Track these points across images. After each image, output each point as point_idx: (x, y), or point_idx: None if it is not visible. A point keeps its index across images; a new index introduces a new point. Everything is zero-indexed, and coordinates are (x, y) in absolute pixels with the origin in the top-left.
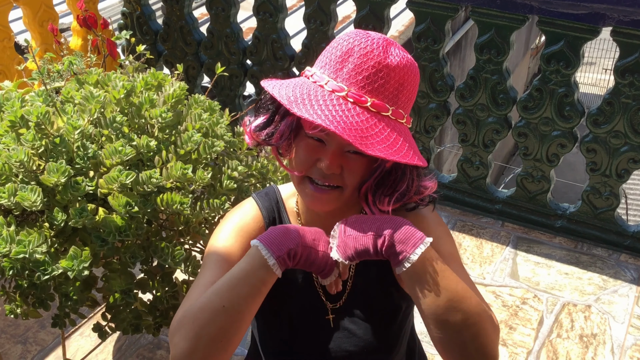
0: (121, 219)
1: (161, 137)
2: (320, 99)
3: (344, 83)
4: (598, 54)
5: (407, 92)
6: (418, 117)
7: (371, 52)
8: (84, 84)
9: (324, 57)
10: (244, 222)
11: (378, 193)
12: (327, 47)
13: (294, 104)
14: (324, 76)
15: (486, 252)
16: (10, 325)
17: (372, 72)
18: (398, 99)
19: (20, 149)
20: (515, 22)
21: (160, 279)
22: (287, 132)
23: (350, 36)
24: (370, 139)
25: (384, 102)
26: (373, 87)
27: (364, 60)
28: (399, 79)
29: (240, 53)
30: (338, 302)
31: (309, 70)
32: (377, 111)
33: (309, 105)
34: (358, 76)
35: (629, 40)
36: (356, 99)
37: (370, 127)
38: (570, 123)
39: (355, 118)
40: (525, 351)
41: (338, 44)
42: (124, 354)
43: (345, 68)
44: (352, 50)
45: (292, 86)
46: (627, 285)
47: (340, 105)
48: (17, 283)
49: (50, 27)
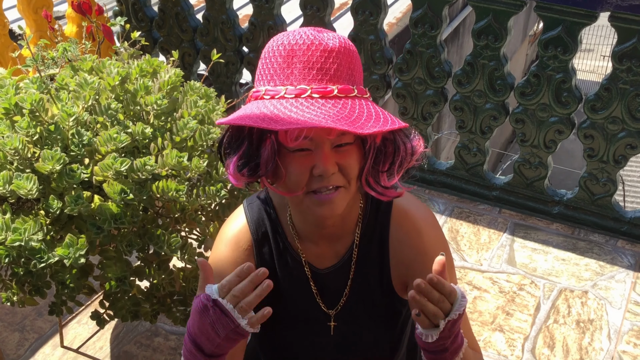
0: (117, 206)
1: (156, 124)
2: (292, 107)
3: (302, 84)
4: (596, 40)
5: (358, 67)
6: (415, 104)
7: (311, 44)
8: (79, 71)
9: (265, 71)
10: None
11: (377, 173)
12: (260, 62)
13: (272, 123)
14: (278, 88)
15: (483, 238)
16: (8, 313)
17: (322, 61)
18: (354, 77)
19: (14, 137)
20: (513, 8)
21: (157, 267)
22: (271, 158)
23: (279, 42)
24: (358, 121)
25: (346, 84)
26: (330, 75)
27: (309, 54)
28: (347, 57)
29: (237, 40)
30: (336, 308)
31: (257, 91)
32: (345, 95)
33: (284, 116)
34: (312, 71)
35: (626, 26)
36: (322, 92)
37: (350, 111)
38: (567, 109)
39: (332, 109)
40: (522, 337)
41: (273, 52)
42: (121, 341)
43: (294, 70)
44: (292, 51)
45: (254, 110)
46: (624, 271)
47: (311, 104)
48: (13, 271)
49: (45, 14)
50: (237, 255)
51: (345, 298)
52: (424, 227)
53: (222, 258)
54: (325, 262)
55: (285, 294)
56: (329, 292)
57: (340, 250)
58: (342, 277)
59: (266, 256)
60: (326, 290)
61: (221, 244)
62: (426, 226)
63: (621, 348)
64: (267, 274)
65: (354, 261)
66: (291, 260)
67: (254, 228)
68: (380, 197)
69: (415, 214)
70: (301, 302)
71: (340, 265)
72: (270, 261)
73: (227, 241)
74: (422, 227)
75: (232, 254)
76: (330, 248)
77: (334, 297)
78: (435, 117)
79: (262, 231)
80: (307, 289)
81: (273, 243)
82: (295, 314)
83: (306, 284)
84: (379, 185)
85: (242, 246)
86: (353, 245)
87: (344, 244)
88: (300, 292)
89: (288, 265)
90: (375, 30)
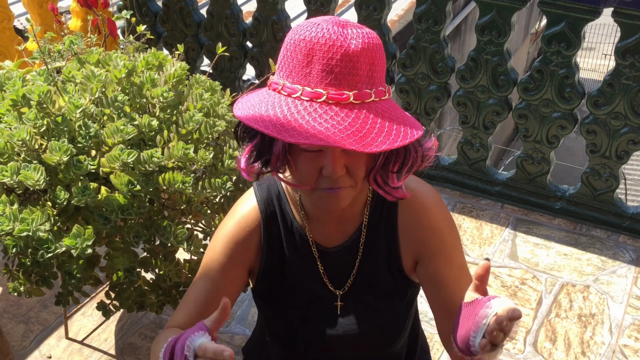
0: (124, 197)
1: (162, 117)
2: (305, 114)
3: (318, 87)
4: (598, 39)
5: (379, 67)
6: (418, 99)
7: (332, 45)
8: (85, 64)
9: (285, 64)
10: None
11: (387, 173)
12: (282, 50)
13: (283, 132)
14: (295, 86)
15: (486, 233)
16: (13, 305)
17: (341, 66)
18: (374, 79)
19: (22, 128)
20: (517, 3)
21: (163, 258)
22: (282, 154)
23: (301, 33)
24: (368, 136)
25: (363, 89)
26: (347, 79)
27: (329, 57)
28: (368, 59)
29: (240, 34)
30: (343, 289)
31: (276, 83)
32: (361, 101)
33: (296, 125)
34: (329, 75)
35: (630, 21)
36: (337, 98)
37: (362, 123)
38: (570, 104)
39: (344, 121)
40: (524, 331)
41: (294, 46)
42: (125, 333)
43: (313, 70)
44: (313, 50)
45: (269, 108)
46: (625, 266)
47: (325, 112)
48: (20, 261)
49: (51, 7)
50: (244, 235)
51: (353, 278)
52: (432, 205)
53: (228, 234)
54: (332, 241)
55: (292, 273)
56: (337, 272)
57: (349, 231)
58: (349, 257)
59: (274, 235)
60: (333, 270)
61: (230, 221)
62: (434, 203)
63: (622, 342)
64: None
65: (362, 242)
66: (299, 239)
67: (263, 207)
68: (386, 196)
69: (423, 193)
70: (308, 282)
71: (348, 245)
72: (278, 240)
73: (235, 219)
74: (430, 204)
75: (239, 232)
76: (338, 229)
77: (342, 278)
78: (438, 113)
79: (271, 210)
80: (314, 268)
81: (281, 222)
82: (302, 293)
83: (313, 264)
84: (387, 185)
85: (250, 225)
86: (362, 226)
87: (352, 225)
88: (307, 271)
89: (296, 244)
90: (379, 25)
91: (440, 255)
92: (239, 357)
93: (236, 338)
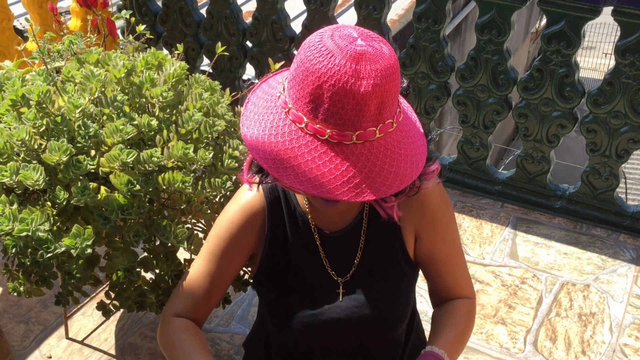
0: (123, 197)
1: (162, 117)
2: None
3: (322, 124)
4: (598, 38)
5: (390, 100)
6: (418, 99)
7: (342, 89)
8: (85, 64)
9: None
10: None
11: None
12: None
13: (281, 170)
14: (300, 115)
15: (486, 232)
16: (13, 305)
17: (347, 108)
18: (382, 115)
19: (21, 128)
20: (516, 2)
21: (163, 258)
22: None
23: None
24: (362, 185)
25: (368, 127)
26: (352, 120)
27: (337, 100)
28: (378, 98)
29: (240, 34)
30: (345, 277)
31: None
32: (363, 141)
33: (295, 164)
34: (335, 116)
35: (630, 20)
36: (339, 139)
37: (359, 168)
38: (570, 104)
39: (341, 166)
40: (524, 330)
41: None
42: (126, 333)
43: (320, 107)
44: (321, 88)
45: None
46: (625, 265)
47: (325, 152)
48: (20, 261)
49: (50, 7)
50: (248, 219)
51: (355, 267)
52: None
53: (232, 219)
54: (334, 227)
55: (294, 258)
56: (339, 259)
57: (350, 218)
58: (351, 244)
59: (277, 219)
60: (335, 257)
61: (234, 206)
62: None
63: (623, 341)
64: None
65: (364, 229)
66: (302, 224)
67: (267, 192)
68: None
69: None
70: (310, 267)
71: (349, 230)
72: (282, 224)
73: (239, 204)
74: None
75: (243, 217)
76: (340, 216)
77: (344, 265)
78: (438, 112)
79: (275, 195)
80: (316, 254)
81: (285, 207)
82: (303, 278)
83: (315, 250)
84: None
85: (254, 211)
86: (363, 213)
87: (354, 212)
88: (309, 257)
89: (299, 229)
90: (378, 25)
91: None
92: (239, 356)
93: (236, 338)
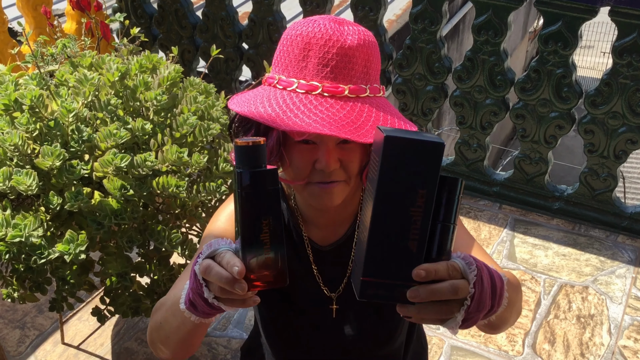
0: (117, 202)
1: (156, 120)
2: (300, 105)
3: (314, 80)
4: (596, 37)
5: (374, 64)
6: (415, 100)
7: (328, 40)
8: (78, 67)
9: (281, 59)
10: None
11: None
12: (278, 47)
13: (278, 120)
14: (291, 80)
15: (484, 234)
16: (8, 310)
17: (337, 59)
18: (369, 75)
19: (14, 133)
20: (513, 3)
21: (157, 262)
22: (276, 148)
23: (298, 29)
24: (362, 127)
25: (359, 83)
26: (343, 73)
27: (325, 50)
28: (364, 56)
29: (236, 36)
30: (337, 290)
31: (271, 77)
32: (356, 95)
33: (292, 115)
34: (325, 68)
35: (627, 20)
36: (333, 91)
37: (357, 115)
38: (568, 104)
39: (340, 112)
40: (522, 332)
41: (290, 41)
42: (122, 337)
43: (309, 64)
44: (309, 44)
45: (264, 100)
46: (624, 266)
47: (320, 104)
48: (14, 267)
49: (44, 10)
50: None
51: (347, 280)
52: None
53: (220, 230)
54: (326, 241)
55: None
56: (331, 274)
57: (342, 231)
58: (343, 258)
59: None
60: (328, 271)
61: (222, 215)
62: None
63: (622, 343)
64: None
65: (355, 242)
66: (296, 237)
67: None
68: None
69: None
70: (303, 283)
71: (341, 243)
72: None
73: (228, 214)
74: None
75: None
76: (332, 229)
77: (336, 280)
78: (435, 113)
79: None
80: (308, 269)
81: None
82: (296, 293)
83: (308, 264)
84: None
85: None
86: (355, 226)
87: (345, 226)
88: (302, 271)
89: (292, 241)
90: (375, 26)
91: None
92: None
93: (233, 342)
